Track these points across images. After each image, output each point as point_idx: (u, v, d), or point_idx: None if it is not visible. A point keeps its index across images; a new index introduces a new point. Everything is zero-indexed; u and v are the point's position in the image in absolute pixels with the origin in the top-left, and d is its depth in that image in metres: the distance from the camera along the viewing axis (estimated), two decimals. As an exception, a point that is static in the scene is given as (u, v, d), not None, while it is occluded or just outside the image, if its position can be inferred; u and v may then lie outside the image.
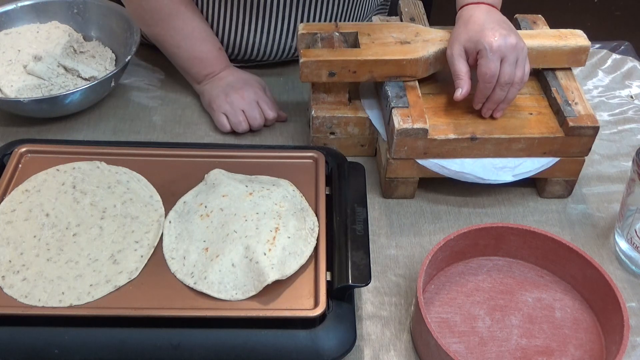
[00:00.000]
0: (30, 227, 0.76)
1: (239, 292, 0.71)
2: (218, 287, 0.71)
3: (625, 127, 1.04)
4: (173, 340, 0.67)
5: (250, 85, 1.00)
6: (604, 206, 0.92)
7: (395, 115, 0.84)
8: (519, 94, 0.91)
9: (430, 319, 0.71)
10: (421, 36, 0.91)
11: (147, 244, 0.75)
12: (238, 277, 0.71)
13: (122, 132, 0.99)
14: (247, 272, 0.71)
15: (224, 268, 0.71)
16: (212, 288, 0.71)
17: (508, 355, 0.73)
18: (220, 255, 0.72)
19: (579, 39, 0.92)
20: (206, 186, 0.81)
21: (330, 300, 0.70)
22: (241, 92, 0.99)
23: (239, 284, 0.71)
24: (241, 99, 0.98)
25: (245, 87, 1.00)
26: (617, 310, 0.71)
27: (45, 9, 1.08)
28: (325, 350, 0.67)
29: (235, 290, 0.71)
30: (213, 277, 0.71)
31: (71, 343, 0.67)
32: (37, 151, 0.85)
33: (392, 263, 0.83)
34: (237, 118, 0.97)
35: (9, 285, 0.71)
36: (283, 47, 1.07)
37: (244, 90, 0.99)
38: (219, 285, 0.71)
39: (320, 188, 0.82)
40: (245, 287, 0.71)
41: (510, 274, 0.81)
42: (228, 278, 0.71)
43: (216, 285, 0.71)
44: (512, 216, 0.90)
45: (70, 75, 1.02)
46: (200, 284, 0.71)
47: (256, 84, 1.02)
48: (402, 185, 0.89)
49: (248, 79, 1.02)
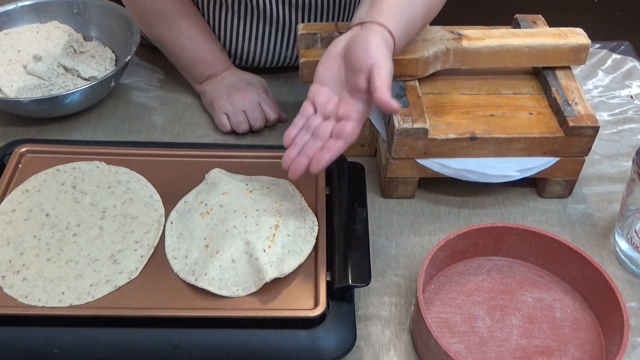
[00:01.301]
0: (30, 227, 0.76)
1: (240, 288, 0.71)
2: (219, 284, 0.71)
3: (625, 127, 1.04)
4: (173, 340, 0.67)
5: (252, 86, 1.00)
6: (604, 206, 0.92)
7: (395, 115, 0.84)
8: (519, 94, 0.91)
9: (430, 319, 0.71)
10: (421, 36, 0.91)
11: (147, 244, 0.75)
12: (238, 273, 0.71)
13: (122, 132, 0.99)
14: (247, 269, 0.71)
15: (224, 264, 0.71)
16: (213, 284, 0.71)
17: (508, 355, 0.73)
18: (220, 251, 0.72)
19: (579, 37, 0.92)
20: (206, 185, 0.81)
21: (330, 300, 0.70)
22: (243, 93, 0.99)
23: (240, 281, 0.71)
24: (243, 100, 0.98)
25: (247, 87, 1.00)
26: (617, 310, 0.71)
27: (45, 9, 1.08)
28: (325, 350, 0.67)
29: (236, 287, 0.71)
30: (214, 274, 0.71)
31: (71, 343, 0.67)
32: (37, 151, 0.85)
33: (392, 263, 0.83)
34: (238, 118, 0.97)
35: (9, 285, 0.71)
36: (284, 56, 1.07)
37: (246, 90, 0.99)
38: (219, 282, 0.71)
39: (320, 188, 0.82)
40: (245, 283, 0.71)
41: (510, 274, 0.81)
42: (228, 274, 0.71)
43: (217, 282, 0.71)
44: (512, 216, 0.90)
45: (70, 75, 1.02)
46: (201, 280, 0.71)
47: (259, 84, 1.02)
48: (402, 185, 0.89)
49: (250, 79, 1.02)
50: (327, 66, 0.74)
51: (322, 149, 0.70)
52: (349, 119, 0.71)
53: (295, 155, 0.71)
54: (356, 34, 0.73)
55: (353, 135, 0.71)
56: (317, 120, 0.73)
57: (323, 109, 0.73)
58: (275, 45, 1.05)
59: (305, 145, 0.71)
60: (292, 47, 1.06)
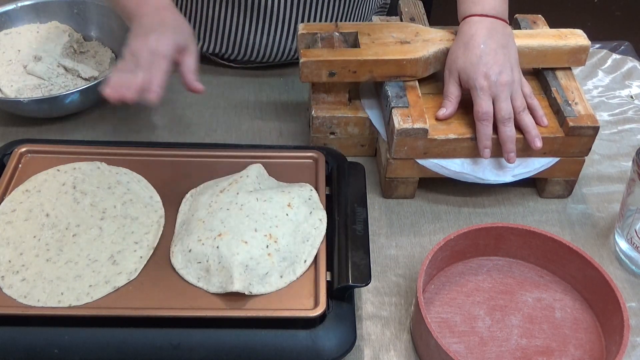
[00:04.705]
0: (30, 227, 0.76)
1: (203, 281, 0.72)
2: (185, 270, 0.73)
3: (625, 127, 1.04)
4: (173, 340, 0.67)
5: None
6: (604, 206, 0.92)
7: (395, 115, 0.84)
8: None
9: (430, 319, 0.71)
10: (421, 36, 0.91)
11: (147, 244, 0.75)
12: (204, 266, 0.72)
13: (122, 132, 0.99)
14: (220, 270, 0.71)
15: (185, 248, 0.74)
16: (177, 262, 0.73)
17: (508, 355, 0.73)
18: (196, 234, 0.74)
19: (579, 39, 0.92)
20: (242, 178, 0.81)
21: (330, 300, 0.70)
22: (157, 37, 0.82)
23: (202, 274, 0.72)
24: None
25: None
26: (617, 310, 0.71)
27: (45, 9, 1.08)
28: (325, 350, 0.67)
29: (198, 279, 0.72)
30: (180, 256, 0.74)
31: (71, 343, 0.67)
32: (37, 151, 0.85)
33: (392, 263, 0.83)
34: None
35: (9, 285, 0.71)
36: (283, 49, 1.07)
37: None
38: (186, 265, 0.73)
39: (320, 188, 0.82)
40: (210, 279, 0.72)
41: (510, 274, 0.81)
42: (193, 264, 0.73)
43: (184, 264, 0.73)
44: (512, 216, 0.90)
45: (70, 75, 1.02)
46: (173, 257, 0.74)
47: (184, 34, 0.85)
48: (402, 185, 0.89)
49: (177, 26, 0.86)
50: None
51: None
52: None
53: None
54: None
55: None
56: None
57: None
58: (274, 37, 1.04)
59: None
60: (291, 39, 1.06)
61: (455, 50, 0.87)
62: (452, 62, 0.87)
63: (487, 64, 0.83)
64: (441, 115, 0.86)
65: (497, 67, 0.83)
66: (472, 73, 0.84)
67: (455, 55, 0.86)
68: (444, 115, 0.86)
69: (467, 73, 0.84)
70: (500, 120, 0.83)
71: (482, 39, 0.84)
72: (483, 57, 0.84)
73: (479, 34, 0.85)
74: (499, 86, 0.83)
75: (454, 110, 0.87)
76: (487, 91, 0.83)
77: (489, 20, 0.86)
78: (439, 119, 0.86)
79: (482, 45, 0.84)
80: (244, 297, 0.70)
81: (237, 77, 1.10)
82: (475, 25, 0.86)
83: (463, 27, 0.87)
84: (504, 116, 0.83)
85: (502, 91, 0.83)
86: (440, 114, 0.86)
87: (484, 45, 0.84)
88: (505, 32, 0.87)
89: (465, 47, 0.85)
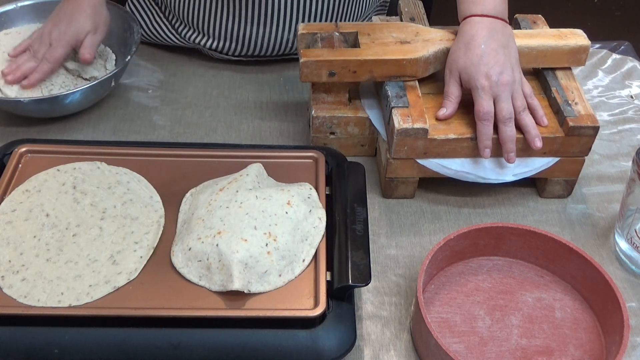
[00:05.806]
0: (30, 227, 0.76)
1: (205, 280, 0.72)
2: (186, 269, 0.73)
3: (625, 127, 1.04)
4: (173, 340, 0.67)
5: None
6: (604, 206, 0.92)
7: (395, 115, 0.84)
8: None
9: (430, 319, 0.71)
10: (421, 36, 0.91)
11: (147, 244, 0.75)
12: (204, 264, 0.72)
13: (122, 132, 0.99)
14: (221, 268, 0.71)
15: (186, 247, 0.74)
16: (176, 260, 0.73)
17: (508, 355, 0.73)
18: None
19: (579, 39, 0.92)
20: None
21: (330, 300, 0.70)
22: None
23: (203, 271, 0.72)
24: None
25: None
26: (617, 310, 0.71)
27: (45, 9, 1.08)
28: (325, 350, 0.67)
29: (199, 277, 0.72)
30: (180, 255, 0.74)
31: (71, 343, 0.67)
32: (37, 151, 0.85)
33: (392, 263, 0.83)
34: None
35: (9, 285, 0.71)
36: (281, 41, 1.06)
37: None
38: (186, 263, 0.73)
39: (320, 188, 0.82)
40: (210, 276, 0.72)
41: (510, 274, 0.81)
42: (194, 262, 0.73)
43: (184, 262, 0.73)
44: (512, 216, 0.90)
45: (70, 75, 1.02)
46: (174, 256, 0.74)
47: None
48: (402, 185, 0.89)
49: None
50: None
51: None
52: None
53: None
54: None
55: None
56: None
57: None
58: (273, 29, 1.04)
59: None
60: (290, 31, 1.06)
61: (456, 50, 0.87)
62: (453, 62, 0.87)
63: (488, 64, 0.83)
64: (441, 116, 0.86)
65: (498, 67, 0.83)
66: (473, 73, 0.84)
67: (456, 55, 0.86)
68: (444, 116, 0.86)
69: (468, 73, 0.84)
70: (501, 120, 0.83)
71: (482, 39, 0.85)
72: (484, 57, 0.84)
73: (479, 34, 0.85)
74: (500, 86, 0.83)
75: (454, 111, 0.87)
76: (488, 91, 0.83)
77: (489, 20, 0.86)
78: (439, 119, 0.86)
79: (482, 46, 0.84)
80: (244, 297, 0.70)
81: (237, 77, 1.10)
82: (476, 25, 0.86)
83: (463, 27, 0.87)
84: (505, 116, 0.83)
85: (503, 91, 0.83)
86: (440, 114, 0.86)
87: (484, 45, 0.84)
88: (505, 32, 0.87)
89: (466, 47, 0.85)
